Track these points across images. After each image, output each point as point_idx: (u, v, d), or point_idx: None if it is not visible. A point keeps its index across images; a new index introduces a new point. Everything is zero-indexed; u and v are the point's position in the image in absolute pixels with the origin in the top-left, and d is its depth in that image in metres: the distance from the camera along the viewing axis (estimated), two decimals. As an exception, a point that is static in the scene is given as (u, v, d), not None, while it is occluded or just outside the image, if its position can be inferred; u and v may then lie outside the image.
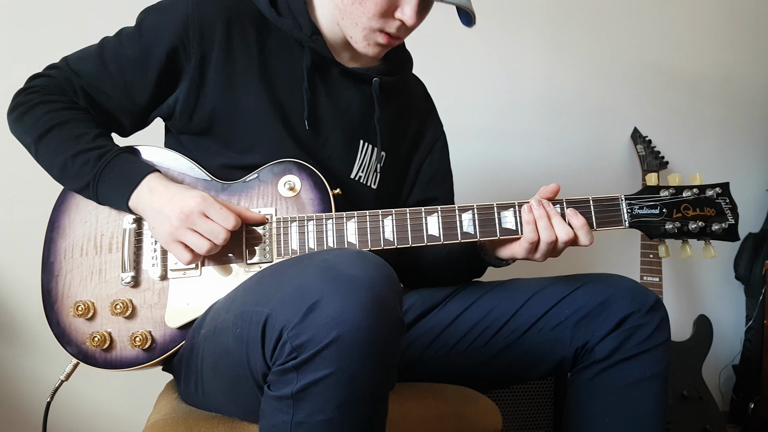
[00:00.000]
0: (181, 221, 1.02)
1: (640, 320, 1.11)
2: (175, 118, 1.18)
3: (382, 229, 1.10)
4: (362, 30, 1.13)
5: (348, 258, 0.85)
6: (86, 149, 1.08)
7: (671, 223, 1.12)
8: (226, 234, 1.03)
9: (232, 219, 1.04)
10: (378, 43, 1.15)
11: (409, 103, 1.37)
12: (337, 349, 0.78)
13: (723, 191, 1.13)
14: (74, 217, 1.15)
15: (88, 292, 1.12)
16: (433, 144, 1.39)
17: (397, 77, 1.29)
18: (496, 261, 1.20)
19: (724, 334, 2.68)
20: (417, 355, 1.24)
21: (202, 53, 1.14)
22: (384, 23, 1.11)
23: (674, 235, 1.13)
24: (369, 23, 1.12)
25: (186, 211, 1.02)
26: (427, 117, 1.40)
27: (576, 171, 2.53)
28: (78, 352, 1.10)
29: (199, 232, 1.03)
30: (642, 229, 1.13)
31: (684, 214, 1.12)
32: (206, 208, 1.03)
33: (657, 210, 1.12)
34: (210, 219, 1.03)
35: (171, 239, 1.04)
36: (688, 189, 1.13)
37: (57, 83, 1.15)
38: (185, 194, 1.05)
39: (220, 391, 1.03)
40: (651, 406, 1.11)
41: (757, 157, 2.80)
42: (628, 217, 1.12)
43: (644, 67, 2.62)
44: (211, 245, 1.03)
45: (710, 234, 1.13)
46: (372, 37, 1.14)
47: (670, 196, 1.13)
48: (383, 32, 1.13)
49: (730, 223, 1.12)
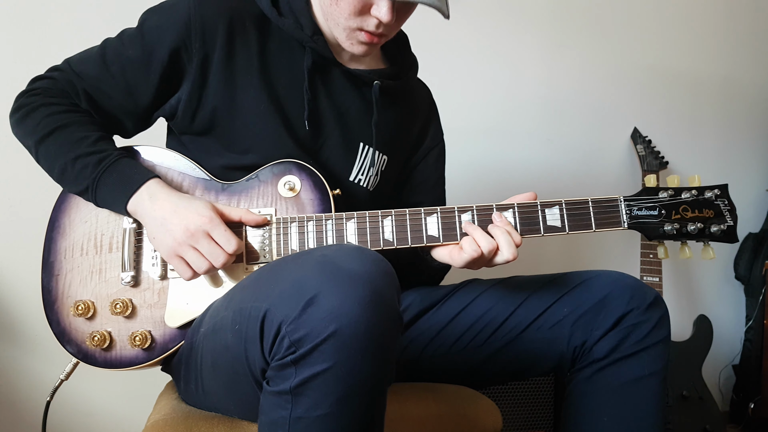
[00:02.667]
0: (185, 238, 1.03)
1: (639, 317, 1.11)
2: (178, 119, 1.19)
3: (381, 229, 1.10)
4: (343, 30, 1.13)
5: (346, 253, 0.85)
6: (86, 153, 1.08)
7: (670, 225, 1.12)
8: (226, 258, 1.03)
9: (234, 243, 1.04)
10: (361, 42, 1.14)
11: (413, 107, 1.37)
12: (335, 343, 0.78)
13: (722, 193, 1.13)
14: (74, 217, 1.15)
15: (88, 292, 1.12)
16: (430, 149, 1.40)
17: (400, 81, 1.29)
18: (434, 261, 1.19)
19: (724, 334, 2.68)
20: (416, 354, 1.24)
21: (204, 53, 1.14)
22: (362, 22, 1.11)
23: (673, 236, 1.13)
24: (347, 23, 1.11)
25: (192, 229, 1.03)
26: (429, 123, 1.41)
27: (576, 171, 2.53)
28: (78, 352, 1.10)
29: (200, 252, 1.03)
30: (641, 231, 1.13)
31: (683, 215, 1.12)
32: (211, 228, 1.04)
33: (656, 211, 1.13)
34: (213, 240, 1.03)
35: (172, 253, 1.04)
36: (686, 190, 1.13)
37: (59, 85, 1.16)
38: (190, 208, 1.05)
39: (219, 389, 1.03)
40: (650, 403, 1.11)
41: (757, 157, 2.81)
42: (627, 219, 1.12)
43: (644, 67, 2.62)
44: (210, 266, 1.03)
45: (709, 235, 1.13)
46: (354, 36, 1.14)
47: (669, 198, 1.13)
48: (363, 30, 1.12)
49: (729, 224, 1.12)
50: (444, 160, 1.43)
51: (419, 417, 1.15)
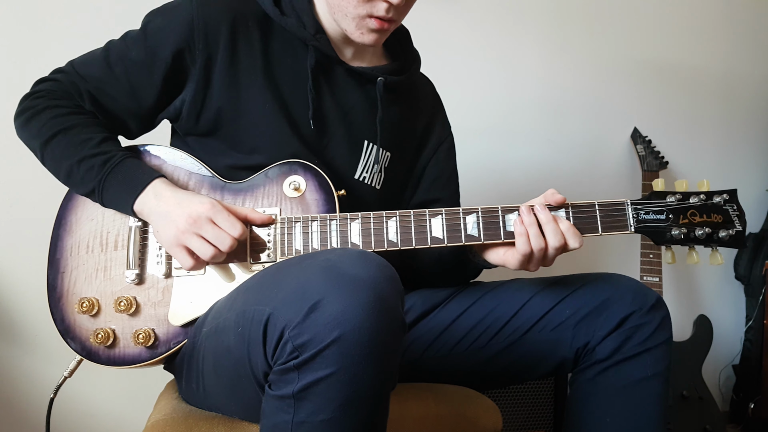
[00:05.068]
0: (188, 225, 1.03)
1: (641, 319, 1.12)
2: (182, 120, 1.19)
3: (385, 230, 1.10)
4: (352, 20, 1.13)
5: (350, 258, 0.85)
6: (91, 155, 1.09)
7: (678, 229, 1.10)
8: (232, 241, 1.03)
9: (239, 227, 1.04)
10: (371, 29, 1.14)
11: (417, 103, 1.36)
12: (338, 348, 0.78)
13: (730, 198, 1.11)
14: (81, 215, 1.16)
15: (93, 289, 1.12)
16: (439, 144, 1.39)
17: (403, 77, 1.29)
18: (486, 263, 1.18)
19: (724, 334, 2.68)
20: (417, 355, 1.24)
21: (207, 54, 1.15)
22: (371, 7, 1.11)
23: (680, 241, 1.11)
24: (356, 11, 1.11)
25: (194, 215, 1.03)
26: (434, 117, 1.40)
27: (576, 171, 2.53)
28: (81, 349, 1.11)
29: (204, 238, 1.03)
30: (648, 235, 1.12)
31: (691, 220, 1.11)
32: (214, 214, 1.04)
33: (663, 216, 1.11)
34: (217, 226, 1.03)
35: (176, 243, 1.04)
36: (695, 195, 1.11)
37: (63, 87, 1.16)
38: (194, 199, 1.05)
39: (221, 390, 1.04)
40: (652, 405, 1.11)
41: (757, 157, 2.80)
42: (634, 222, 1.11)
43: (644, 66, 2.61)
44: (215, 251, 1.03)
45: (717, 240, 1.10)
46: (363, 24, 1.14)
47: (676, 202, 1.11)
48: (373, 17, 1.12)
49: (738, 230, 1.10)
50: (454, 153, 1.43)
51: (419, 417, 1.15)
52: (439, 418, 1.17)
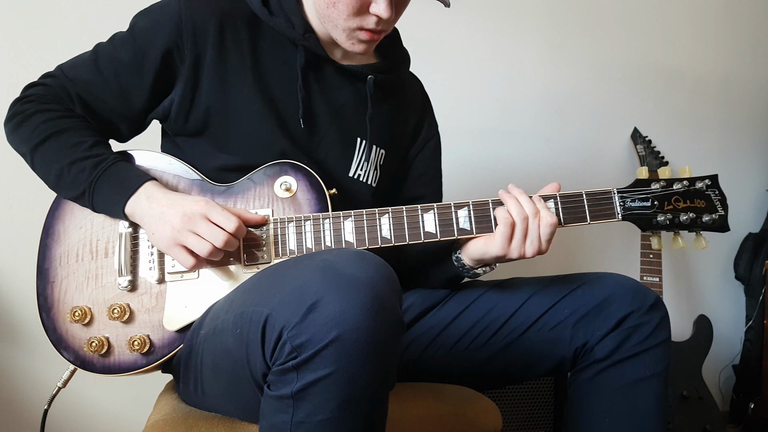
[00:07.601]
0: (183, 223, 1.02)
1: (639, 319, 1.12)
2: (171, 120, 1.18)
3: (379, 227, 1.10)
4: (343, 31, 1.14)
5: (348, 258, 0.85)
6: (82, 158, 1.08)
7: (663, 215, 1.14)
8: (228, 237, 1.02)
9: (234, 221, 1.03)
10: (361, 40, 1.15)
11: (407, 100, 1.37)
12: (336, 348, 0.78)
13: (712, 183, 1.15)
14: (69, 223, 1.15)
15: (85, 298, 1.11)
16: (426, 142, 1.39)
17: (393, 75, 1.29)
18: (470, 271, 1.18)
19: (724, 334, 2.68)
20: (416, 355, 1.24)
21: (196, 54, 1.14)
22: (361, 21, 1.11)
23: (666, 226, 1.15)
24: (346, 24, 1.12)
25: (189, 213, 1.02)
26: (423, 116, 1.41)
27: (576, 171, 2.54)
28: (75, 358, 1.09)
29: (200, 235, 1.02)
30: (635, 222, 1.15)
31: (675, 206, 1.14)
32: (208, 210, 1.03)
33: (649, 202, 1.14)
34: (212, 222, 1.03)
35: (172, 242, 1.03)
36: (678, 181, 1.15)
37: (53, 91, 1.15)
38: (187, 198, 1.05)
39: (219, 391, 1.03)
40: (651, 405, 1.11)
41: (757, 157, 2.81)
42: (621, 210, 1.14)
43: (644, 66, 2.63)
44: (212, 248, 1.02)
45: (701, 225, 1.15)
46: (354, 35, 1.14)
47: (661, 189, 1.15)
48: (363, 29, 1.13)
49: (720, 214, 1.14)
50: (440, 153, 1.43)
51: (419, 417, 1.15)
52: (439, 418, 1.16)
